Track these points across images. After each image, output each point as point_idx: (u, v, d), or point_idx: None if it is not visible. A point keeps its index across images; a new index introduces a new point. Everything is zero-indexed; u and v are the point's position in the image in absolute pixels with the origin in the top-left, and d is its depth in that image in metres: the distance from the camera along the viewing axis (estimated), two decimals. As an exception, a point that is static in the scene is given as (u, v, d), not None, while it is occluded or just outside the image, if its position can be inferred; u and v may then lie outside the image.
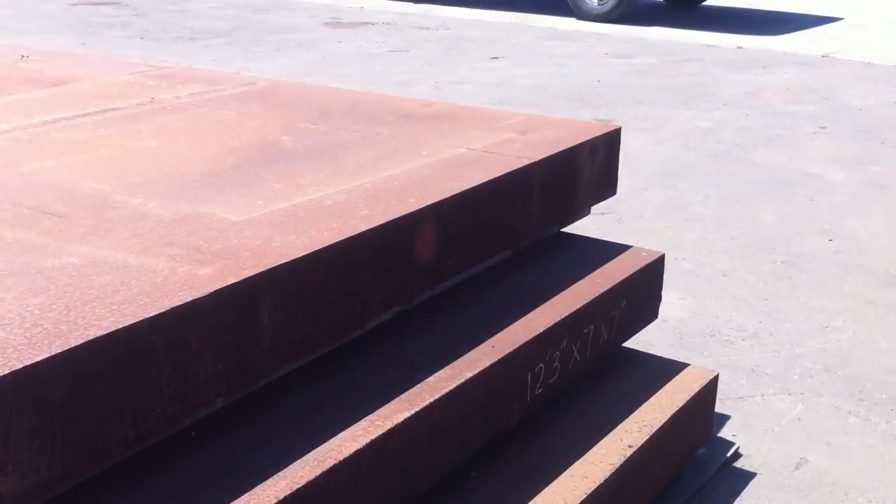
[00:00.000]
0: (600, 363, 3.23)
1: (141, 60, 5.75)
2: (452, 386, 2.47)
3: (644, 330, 4.26)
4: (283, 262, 2.21)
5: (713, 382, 3.34)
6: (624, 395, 3.16)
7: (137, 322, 1.89)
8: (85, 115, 3.55)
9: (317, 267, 2.31)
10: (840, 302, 4.85)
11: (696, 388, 3.23)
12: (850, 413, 3.81)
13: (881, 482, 3.35)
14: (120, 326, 1.86)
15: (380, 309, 2.59)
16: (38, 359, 1.72)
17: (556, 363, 2.90)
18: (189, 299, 1.99)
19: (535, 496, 2.62)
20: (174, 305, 1.96)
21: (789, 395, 3.95)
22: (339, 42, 11.87)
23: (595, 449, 2.85)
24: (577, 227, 3.59)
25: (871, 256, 5.45)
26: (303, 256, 2.26)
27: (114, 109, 3.65)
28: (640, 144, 7.64)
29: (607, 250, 3.42)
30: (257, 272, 2.15)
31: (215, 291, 2.05)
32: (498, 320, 2.83)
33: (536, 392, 2.83)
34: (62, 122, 3.45)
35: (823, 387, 4.01)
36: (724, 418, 3.76)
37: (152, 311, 1.93)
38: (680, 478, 3.32)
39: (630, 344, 3.62)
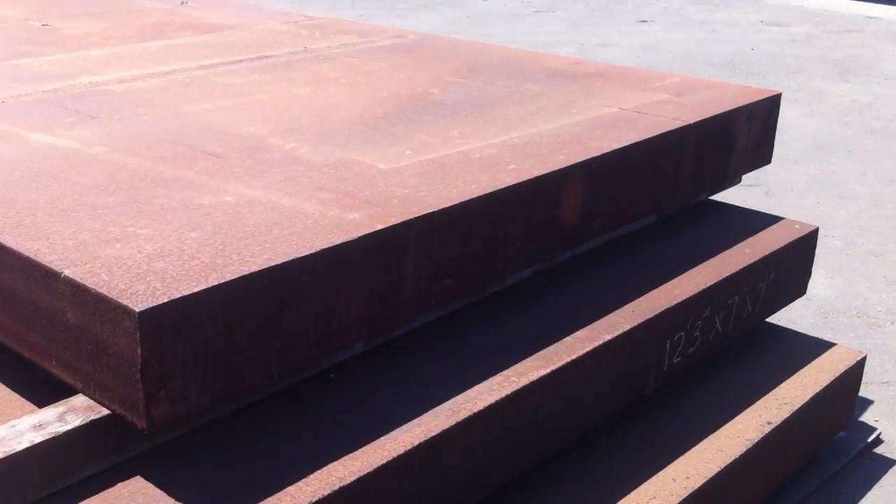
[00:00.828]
0: (742, 336, 3.12)
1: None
2: (590, 347, 2.42)
3: (787, 307, 4.11)
4: (430, 211, 2.20)
5: (860, 365, 3.18)
6: (765, 370, 3.04)
7: (289, 261, 1.91)
8: (241, 61, 3.63)
9: (462, 218, 2.29)
10: None
11: (840, 369, 3.08)
12: None
13: None
14: (273, 264, 1.89)
15: (521, 265, 2.56)
16: (195, 290, 1.77)
17: (697, 332, 2.81)
18: (338, 242, 2.01)
19: (667, 465, 2.56)
20: (324, 248, 1.98)
21: (942, 384, 3.74)
22: (485, 1, 11.78)
23: (732, 423, 2.76)
24: (722, 198, 3.46)
25: None
26: (449, 207, 2.25)
27: (269, 57, 3.72)
28: (794, 116, 7.31)
29: (758, 220, 3.28)
30: (404, 220, 2.15)
31: (364, 236, 2.06)
32: (639, 285, 2.75)
33: (675, 360, 2.76)
34: (220, 66, 3.54)
35: (979, 379, 3.77)
36: (866, 402, 3.59)
37: (303, 252, 1.95)
38: (816, 460, 3.19)
39: (772, 321, 3.48)
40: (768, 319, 3.37)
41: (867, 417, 3.50)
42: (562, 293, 2.69)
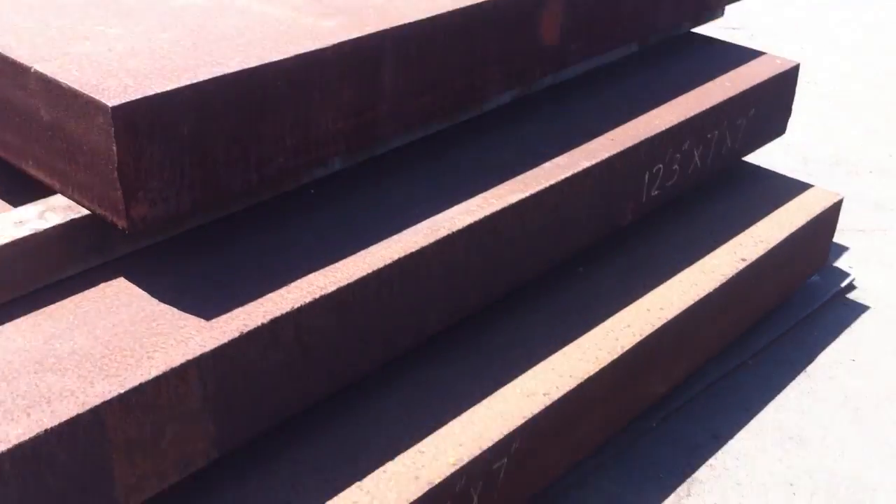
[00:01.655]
0: (721, 173, 3.29)
1: None
2: (569, 174, 2.57)
3: (767, 152, 4.30)
4: (406, 21, 2.29)
5: (836, 207, 3.39)
6: (742, 207, 3.23)
7: (263, 65, 2.00)
8: None
9: (439, 32, 2.38)
10: (984, 143, 4.78)
11: (817, 210, 3.28)
12: (980, 257, 3.84)
13: None
14: (246, 67, 1.98)
15: (500, 87, 2.67)
16: (168, 88, 1.85)
17: (676, 165, 2.97)
18: (313, 48, 2.10)
19: (643, 296, 2.76)
20: (298, 53, 2.07)
21: (917, 233, 3.99)
22: None
23: (708, 258, 2.96)
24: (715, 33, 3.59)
25: None
26: (426, 19, 2.33)
27: None
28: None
29: (739, 55, 3.42)
30: (380, 29, 2.24)
31: (339, 44, 2.15)
32: (620, 114, 2.89)
33: (653, 193, 2.93)
34: None
35: (954, 228, 4.03)
36: (841, 249, 3.83)
37: (276, 56, 2.04)
38: (791, 301, 3.43)
39: (751, 163, 3.66)
40: (748, 160, 3.56)
41: (842, 263, 3.74)
42: (542, 120, 2.82)
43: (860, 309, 3.50)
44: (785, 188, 3.41)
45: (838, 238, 3.89)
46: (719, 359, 3.12)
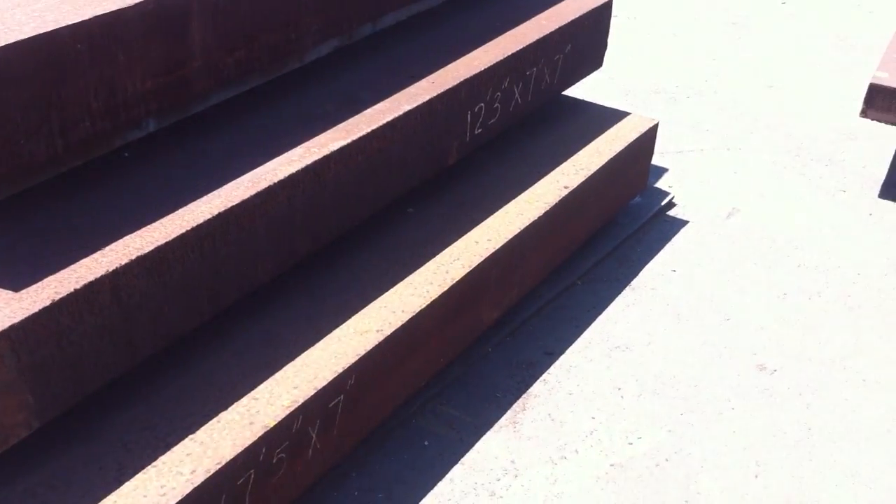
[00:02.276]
0: (542, 108, 3.24)
1: None
2: (390, 118, 2.46)
3: (591, 87, 4.27)
4: (213, -22, 2.14)
5: (652, 131, 3.38)
6: (564, 139, 3.19)
7: (59, 28, 1.83)
8: None
9: (249, -13, 2.23)
10: (786, 63, 4.85)
11: (634, 136, 3.26)
12: (785, 167, 3.90)
13: (809, 231, 3.48)
14: (41, 32, 1.80)
15: (317, 39, 2.54)
16: (-45, 60, 1.67)
17: (497, 104, 2.89)
18: (113, 8, 1.93)
19: (471, 230, 2.69)
20: (97, 14, 1.90)
21: (728, 149, 4.03)
22: None
23: (532, 189, 2.90)
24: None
25: (822, 21, 5.41)
26: (234, -26, 2.18)
27: None
28: None
29: (555, -6, 3.35)
30: (186, -13, 2.08)
31: (141, 2, 1.98)
32: (439, 58, 2.79)
33: (476, 132, 2.85)
34: None
35: (762, 142, 4.08)
36: (661, 170, 3.84)
37: (75, 19, 1.86)
38: (615, 222, 3.42)
39: (576, 96, 3.62)
40: (568, 93, 3.51)
41: (662, 184, 3.75)
42: (363, 70, 2.69)
43: (679, 224, 3.51)
44: (604, 118, 3.38)
45: (659, 160, 3.90)
46: (550, 281, 3.10)
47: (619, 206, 3.41)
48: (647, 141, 3.36)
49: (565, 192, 2.91)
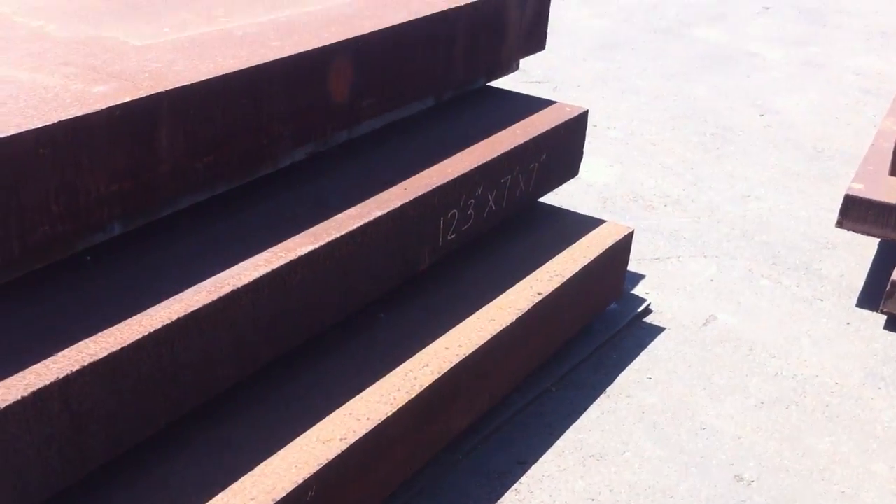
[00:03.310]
0: (517, 215, 3.21)
1: None
2: (360, 223, 2.43)
3: (569, 194, 4.28)
4: (184, 84, 2.12)
5: (628, 238, 3.35)
6: (538, 245, 3.15)
7: (22, 133, 1.80)
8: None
9: (220, 93, 2.22)
10: (764, 173, 4.88)
11: (609, 243, 3.23)
12: (762, 276, 3.87)
13: (786, 340, 3.42)
14: (3, 135, 1.77)
15: (290, 145, 2.52)
16: (-89, 162, 1.64)
17: (471, 210, 2.87)
18: (79, 114, 1.91)
19: (441, 335, 2.63)
20: (62, 119, 1.88)
21: (705, 257, 4.00)
22: None
23: (504, 295, 2.85)
24: (509, 91, 3.53)
25: (800, 132, 5.47)
26: (204, 81, 2.17)
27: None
28: (583, 17, 7.51)
29: (531, 104, 3.36)
30: (155, 92, 2.06)
31: (108, 108, 1.96)
32: (413, 164, 2.78)
33: (449, 238, 2.81)
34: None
35: (739, 251, 4.06)
36: (638, 277, 3.80)
37: (39, 124, 1.84)
38: (590, 330, 3.36)
39: (553, 204, 3.61)
40: (545, 200, 3.50)
41: (639, 290, 3.71)
42: (336, 175, 2.67)
43: (656, 331, 3.46)
44: (580, 225, 3.35)
45: (636, 267, 3.87)
46: (524, 387, 3.02)
47: (594, 313, 3.35)
48: (622, 248, 3.33)
49: (538, 299, 2.86)
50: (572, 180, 3.88)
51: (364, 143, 2.88)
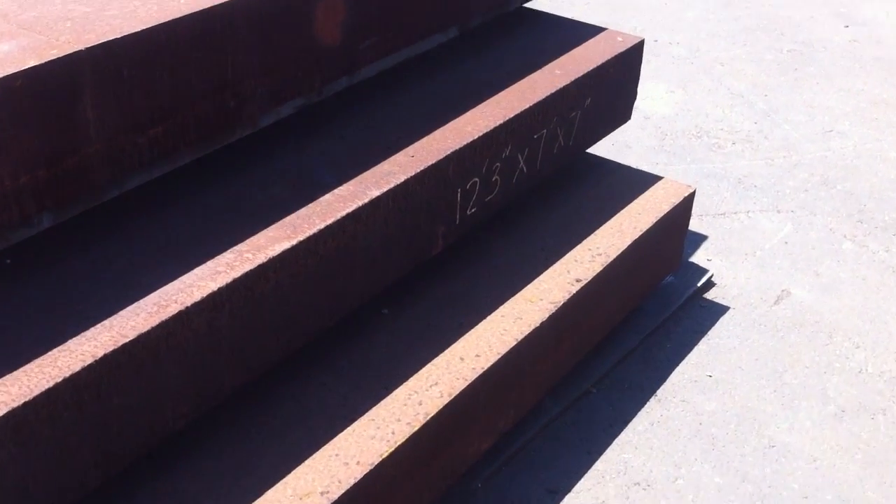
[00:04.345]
0: (555, 174, 2.80)
1: None
2: (353, 207, 2.03)
3: (621, 130, 3.82)
4: (113, 38, 1.71)
5: (688, 201, 2.92)
6: (579, 213, 2.74)
7: None
8: None
9: (165, 46, 1.81)
10: (849, 101, 4.37)
11: (665, 208, 2.81)
12: (845, 237, 3.44)
13: (872, 323, 3.02)
14: None
15: (267, 102, 2.11)
16: None
17: (496, 176, 2.46)
18: (-33, 90, 1.52)
19: (455, 341, 2.26)
20: (-57, 99, 1.49)
21: (778, 212, 3.56)
22: None
23: (535, 283, 2.46)
24: (560, 5, 3.06)
25: (891, 49, 4.92)
26: (143, 31, 1.76)
27: None
28: None
29: (575, 32, 2.90)
30: (75, 50, 1.65)
31: (9, 76, 1.57)
32: (424, 121, 2.36)
33: (469, 212, 2.41)
34: None
35: (819, 203, 3.61)
36: (699, 239, 3.38)
37: None
38: (641, 310, 2.97)
39: (603, 143, 3.18)
40: (593, 149, 3.07)
41: (700, 257, 3.30)
42: (328, 137, 2.27)
43: (718, 311, 3.06)
44: (630, 183, 2.93)
45: (698, 226, 3.45)
46: (558, 388, 2.66)
47: (645, 292, 2.96)
48: (681, 213, 2.91)
49: (577, 287, 2.47)
50: None
51: (367, 92, 2.47)
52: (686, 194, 2.89)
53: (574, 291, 2.45)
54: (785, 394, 2.75)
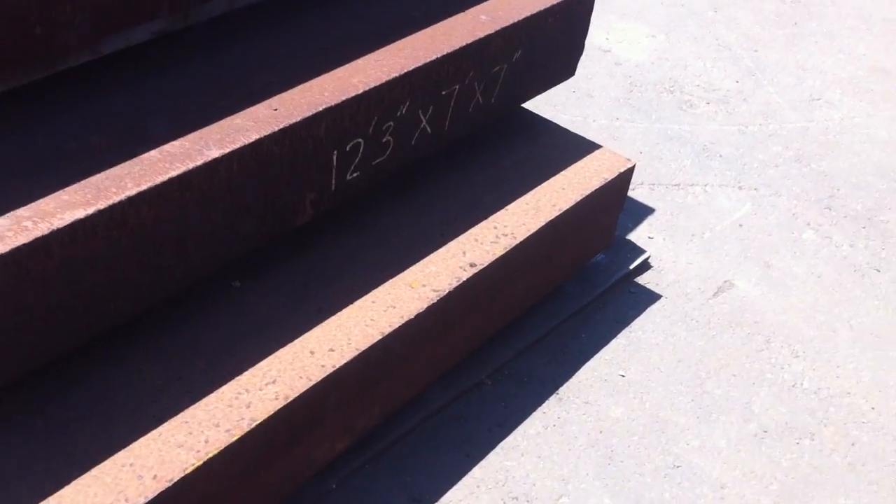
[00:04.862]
0: (473, 134, 2.41)
1: None
2: (180, 170, 1.66)
3: (586, 76, 3.42)
4: None
5: (625, 177, 2.53)
6: (494, 184, 2.36)
7: None
8: None
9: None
10: (846, 67, 3.92)
11: (595, 185, 2.42)
12: (808, 225, 3.05)
13: (818, 330, 2.66)
14: None
15: (92, 34, 1.72)
16: None
17: (388, 137, 2.08)
18: None
19: (311, 328, 1.91)
20: None
21: (740, 188, 3.17)
22: None
23: (422, 264, 2.10)
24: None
25: (903, 11, 4.45)
26: None
27: None
28: None
29: (518, -29, 2.47)
30: None
31: None
32: (306, 67, 1.97)
33: (350, 177, 2.04)
34: None
35: (787, 183, 3.22)
36: (644, 212, 3.00)
37: None
38: (559, 292, 2.62)
39: (562, 88, 2.77)
40: (543, 95, 2.66)
41: (640, 233, 2.92)
42: (182, 74, 1.89)
43: (648, 299, 2.70)
44: (563, 150, 2.53)
45: (646, 196, 3.07)
46: (447, 378, 2.32)
47: (567, 273, 2.60)
48: (614, 190, 2.53)
49: (469, 273, 2.10)
50: (595, 56, 3.05)
51: (252, 19, 2.07)
52: (623, 169, 2.50)
53: (465, 278, 2.09)
54: (703, 405, 2.41)
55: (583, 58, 2.60)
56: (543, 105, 3.27)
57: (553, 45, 2.43)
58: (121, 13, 1.74)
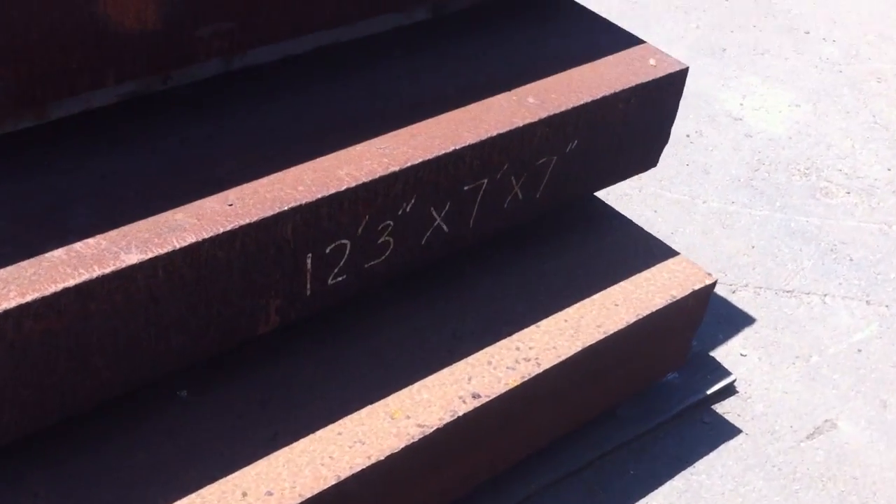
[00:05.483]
0: (515, 227, 1.99)
1: None
2: (82, 279, 1.35)
3: (707, 147, 2.97)
4: None
5: (702, 294, 2.05)
6: (527, 291, 1.93)
7: None
8: None
9: None
10: None
11: (658, 304, 1.95)
12: (949, 357, 2.45)
13: (936, 498, 2.09)
14: None
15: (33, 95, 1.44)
16: None
17: (387, 238, 1.70)
18: None
19: (255, 460, 1.56)
20: None
21: (868, 303, 2.59)
22: None
23: (413, 389, 1.71)
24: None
25: None
26: None
27: None
28: None
29: (597, 40, 2.03)
30: None
31: None
32: (284, 151, 1.62)
33: (332, 282, 1.67)
34: None
35: (930, 299, 2.62)
36: (743, 321, 2.47)
37: None
38: (608, 417, 2.15)
39: (671, 160, 2.31)
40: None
41: (732, 347, 2.41)
42: (129, 153, 1.58)
43: (723, 433, 2.20)
44: (627, 255, 2.07)
45: (747, 302, 2.55)
46: (447, 514, 1.92)
47: (616, 401, 2.14)
48: (685, 311, 2.04)
49: (469, 408, 1.69)
50: (722, 124, 2.60)
51: (248, 85, 1.75)
52: (698, 286, 2.02)
53: (461, 413, 1.69)
54: (763, 589, 1.90)
55: (707, 125, 2.15)
56: (647, 178, 2.81)
57: (625, 133, 1.98)
58: (73, 74, 1.45)
